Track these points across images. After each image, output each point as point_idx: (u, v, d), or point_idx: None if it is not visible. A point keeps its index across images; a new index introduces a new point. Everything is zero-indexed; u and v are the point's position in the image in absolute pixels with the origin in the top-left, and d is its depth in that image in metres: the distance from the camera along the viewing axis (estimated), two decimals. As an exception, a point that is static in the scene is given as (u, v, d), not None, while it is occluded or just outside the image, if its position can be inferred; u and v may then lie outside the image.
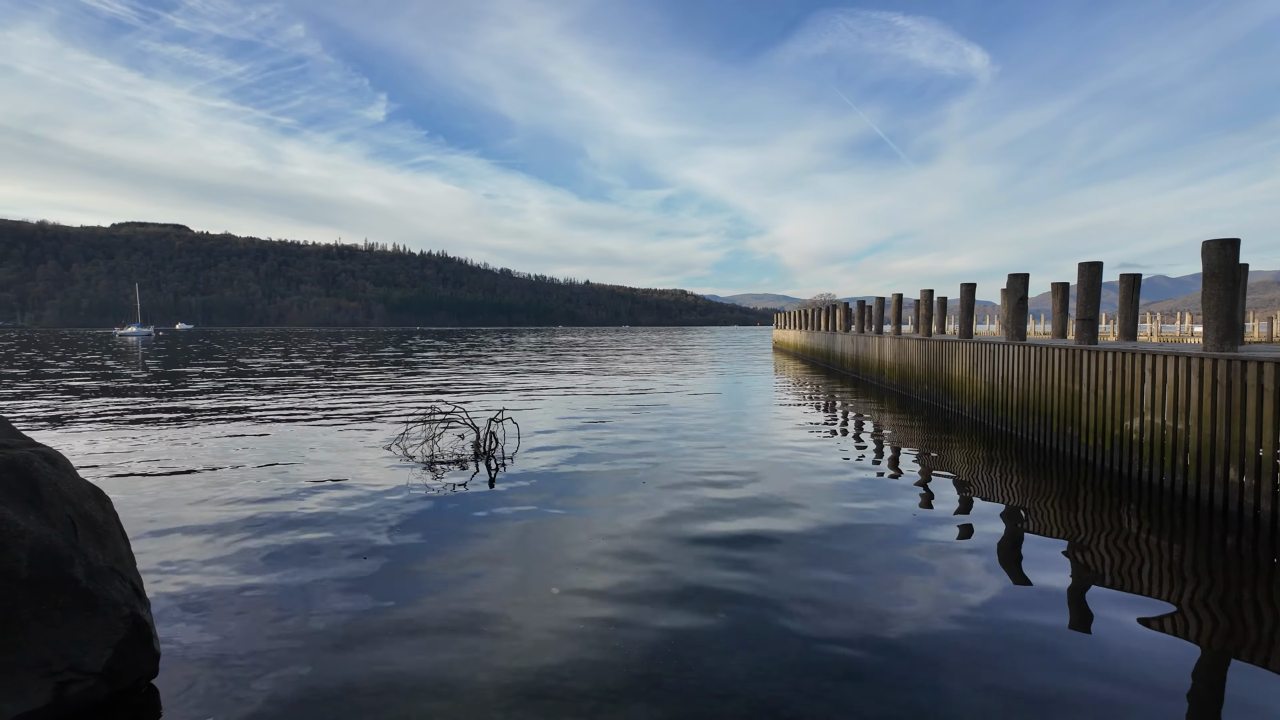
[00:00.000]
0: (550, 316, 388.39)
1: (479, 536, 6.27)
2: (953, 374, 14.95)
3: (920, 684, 3.73)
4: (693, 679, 3.77)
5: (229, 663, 3.93)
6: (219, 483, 8.35)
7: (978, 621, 4.51)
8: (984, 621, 4.51)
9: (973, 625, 4.46)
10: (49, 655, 3.28)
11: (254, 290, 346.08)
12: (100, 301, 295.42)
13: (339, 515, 6.91)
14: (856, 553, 5.83)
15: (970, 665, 3.94)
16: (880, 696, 3.60)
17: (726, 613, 4.62)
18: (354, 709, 3.46)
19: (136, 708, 3.48)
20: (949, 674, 3.84)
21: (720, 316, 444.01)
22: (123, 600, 3.58)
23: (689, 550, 5.87)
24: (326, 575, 5.28)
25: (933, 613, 4.64)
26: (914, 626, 4.43)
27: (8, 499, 3.41)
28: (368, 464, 9.45)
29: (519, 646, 4.14)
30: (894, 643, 4.20)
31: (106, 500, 4.02)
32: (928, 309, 18.18)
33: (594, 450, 10.43)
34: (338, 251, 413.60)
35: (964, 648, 4.15)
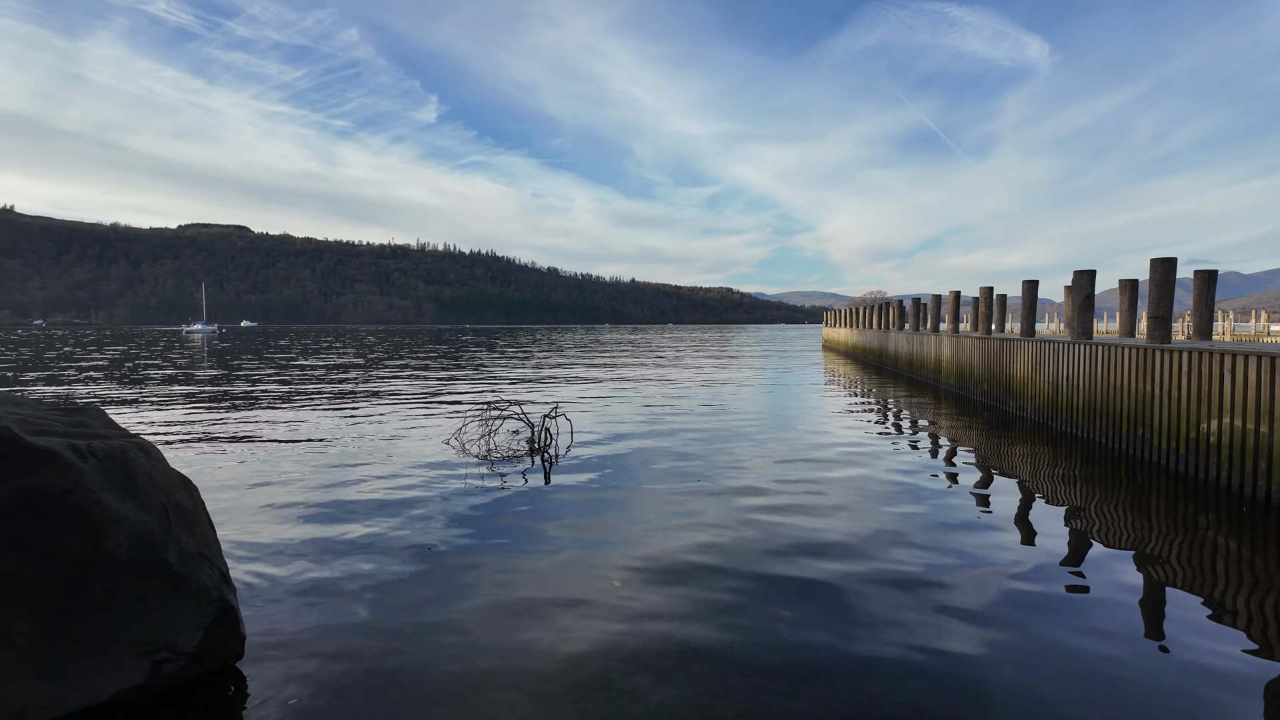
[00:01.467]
0: (596, 315, 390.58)
1: (539, 530, 6.36)
2: (1014, 374, 14.54)
3: (978, 692, 3.65)
4: (759, 675, 3.77)
5: (308, 647, 4.07)
6: (287, 474, 8.65)
7: (1042, 628, 4.39)
8: (1050, 629, 4.39)
9: (1036, 632, 4.34)
10: (146, 635, 3.46)
11: (310, 289, 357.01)
12: (168, 300, 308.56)
13: (403, 506, 7.09)
14: (918, 554, 5.73)
15: (1033, 673, 3.84)
16: (938, 703, 3.54)
17: (791, 609, 4.60)
18: (425, 695, 3.56)
19: (224, 688, 3.64)
20: (1007, 678, 3.75)
21: (767, 314, 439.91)
22: (211, 585, 3.75)
23: (750, 548, 5.85)
24: (394, 564, 5.43)
25: (993, 618, 4.54)
26: (972, 630, 4.34)
27: (108, 486, 3.60)
28: (428, 457, 9.67)
29: (586, 637, 4.19)
30: (948, 646, 4.12)
31: (194, 489, 4.22)
32: (987, 307, 17.71)
33: (647, 447, 10.47)
34: (390, 251, 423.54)
35: (1025, 651, 4.05)
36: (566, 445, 10.51)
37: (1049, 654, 4.05)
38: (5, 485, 3.30)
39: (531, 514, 6.88)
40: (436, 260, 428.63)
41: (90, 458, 3.64)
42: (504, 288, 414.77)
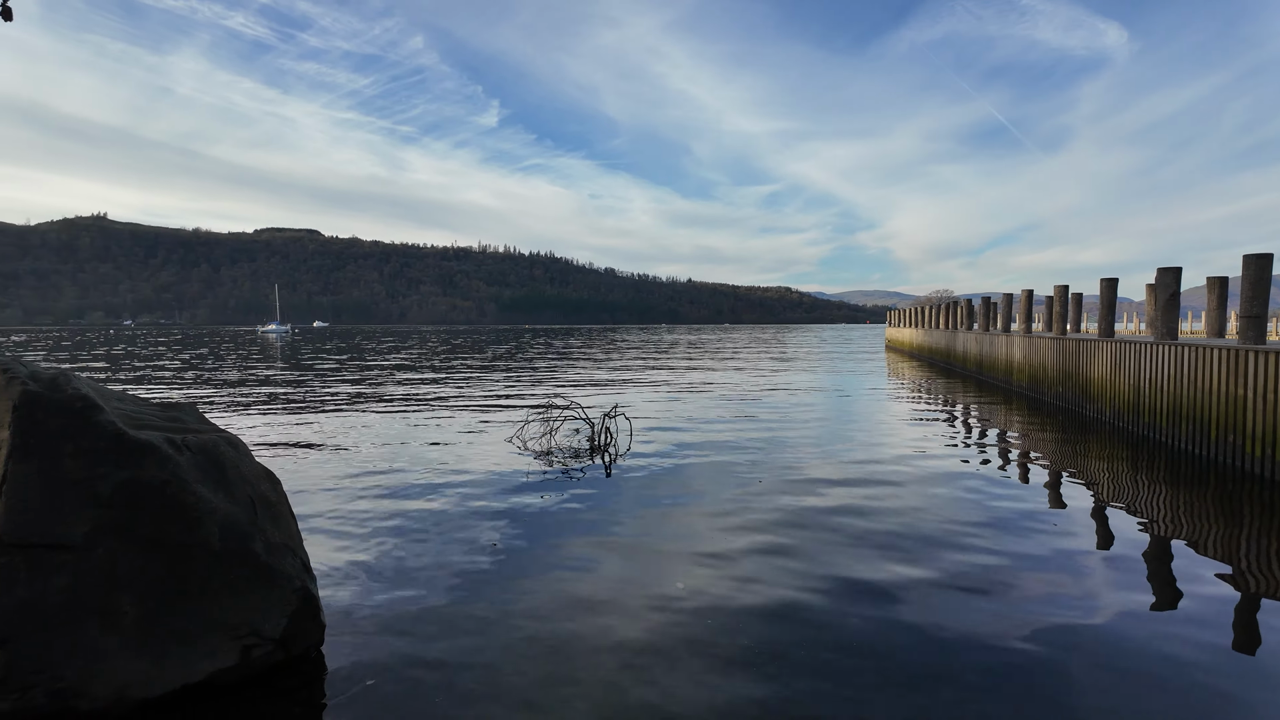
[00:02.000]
0: (653, 315, 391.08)
1: (601, 528, 6.42)
2: (1092, 375, 13.93)
3: (1061, 705, 3.52)
4: (827, 682, 3.72)
5: (383, 635, 4.22)
6: (358, 469, 8.96)
7: (1125, 643, 4.20)
8: (1135, 644, 4.20)
9: (1118, 647, 4.16)
10: (236, 621, 3.64)
11: (378, 290, 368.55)
12: (244, 301, 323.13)
13: (468, 503, 7.26)
14: (989, 560, 5.56)
15: (1112, 688, 3.68)
16: (1014, 713, 3.42)
17: (858, 615, 4.52)
18: (493, 683, 3.64)
19: (307, 674, 3.81)
20: (1086, 696, 3.60)
21: (827, 314, 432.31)
22: (294, 574, 3.92)
23: (812, 551, 5.77)
24: (461, 558, 5.57)
25: (1068, 629, 4.36)
26: (1046, 642, 4.18)
27: (202, 479, 3.81)
28: (491, 454, 9.87)
29: (647, 635, 4.22)
30: (1015, 658, 3.98)
31: (277, 482, 4.42)
32: (1062, 306, 17.02)
33: (706, 448, 10.44)
34: (453, 253, 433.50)
35: (1103, 667, 3.88)
36: (626, 445, 10.57)
37: (1133, 670, 3.87)
38: (111, 476, 3.53)
39: (593, 512, 6.95)
40: (497, 262, 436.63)
41: (185, 451, 3.86)
42: (562, 288, 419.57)
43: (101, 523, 3.44)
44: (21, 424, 3.46)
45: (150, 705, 3.35)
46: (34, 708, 3.20)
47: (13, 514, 3.30)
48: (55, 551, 3.34)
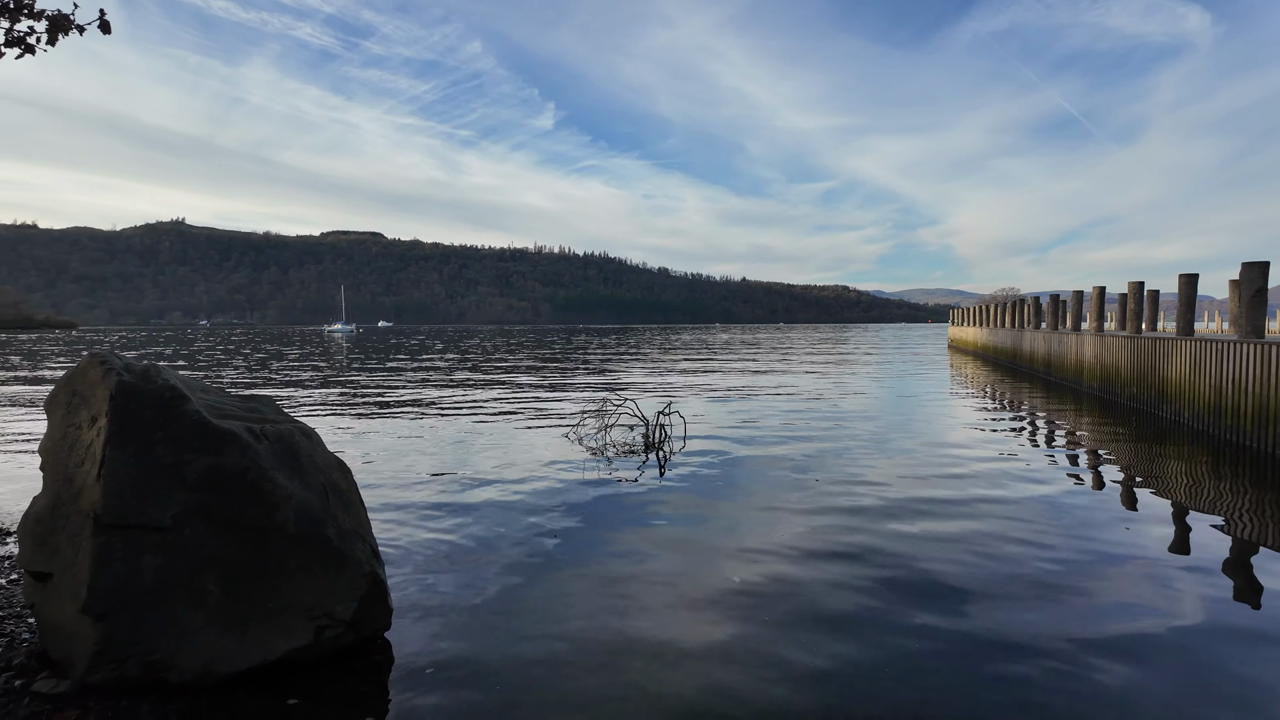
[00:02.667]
0: (706, 314, 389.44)
1: (656, 522, 6.47)
2: (1169, 376, 13.30)
3: (1122, 713, 3.39)
4: (886, 681, 3.68)
5: (447, 621, 4.36)
6: (421, 462, 9.23)
7: (1195, 650, 4.02)
8: (1217, 668, 4.01)
9: (1188, 653, 3.98)
10: (310, 602, 3.81)
11: (438, 291, 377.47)
12: (311, 301, 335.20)
13: (526, 496, 7.40)
14: (1060, 570, 5.38)
15: (1182, 697, 3.52)
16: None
17: (918, 616, 4.45)
18: (553, 672, 3.72)
19: (375, 656, 3.96)
20: (1155, 705, 3.46)
21: (886, 313, 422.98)
22: (364, 560, 4.08)
23: (870, 549, 5.69)
24: (520, 550, 5.69)
25: (1139, 637, 4.19)
26: (1115, 649, 4.03)
27: (278, 466, 4.00)
28: (548, 450, 10.03)
29: (707, 630, 4.24)
30: (1087, 666, 3.85)
31: (348, 471, 4.60)
32: (1136, 303, 16.30)
33: (761, 446, 10.38)
34: (510, 254, 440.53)
35: (1174, 675, 3.72)
36: (680, 442, 10.59)
37: (1205, 681, 3.70)
38: (197, 462, 3.74)
39: (648, 507, 7.00)
40: (552, 262, 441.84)
41: (264, 440, 4.05)
42: (616, 288, 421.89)
43: (188, 506, 3.65)
44: (117, 413, 3.70)
45: (233, 680, 3.54)
46: (129, 678, 3.42)
47: (110, 496, 3.54)
48: (148, 532, 3.57)
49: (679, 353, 40.83)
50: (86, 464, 3.68)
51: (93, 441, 3.70)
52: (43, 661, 3.61)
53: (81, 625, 3.44)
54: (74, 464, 3.75)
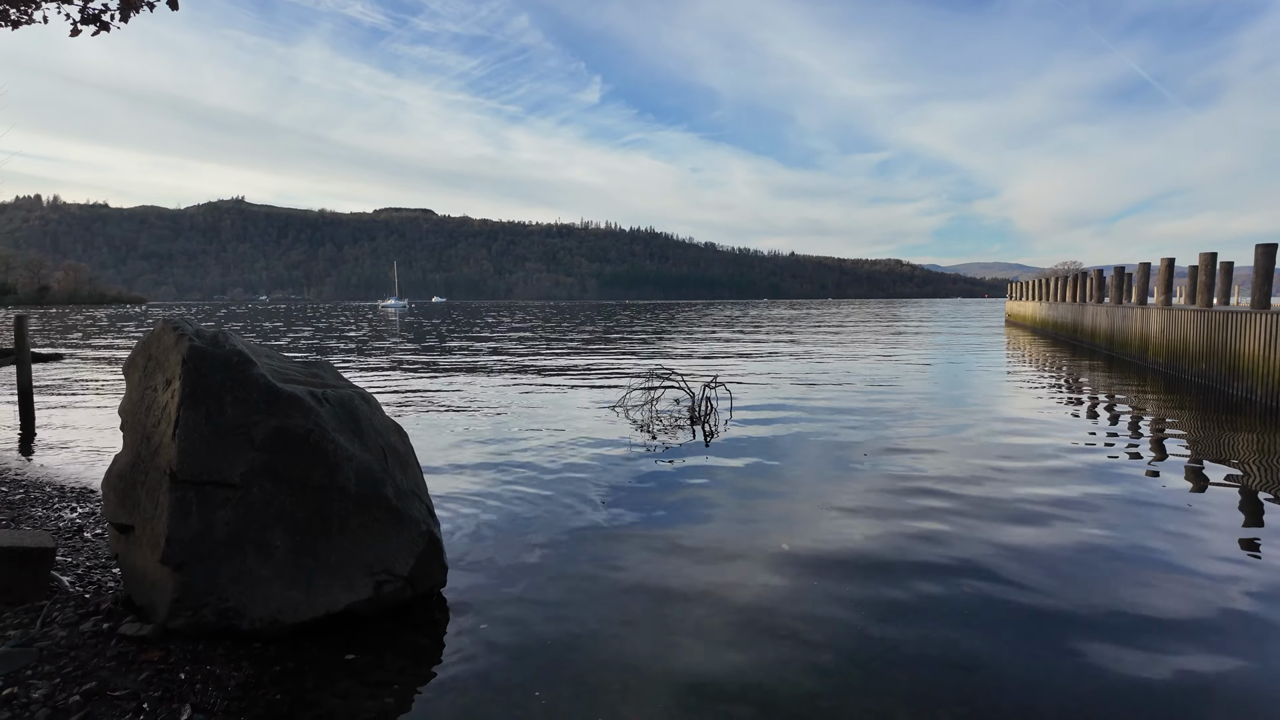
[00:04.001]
0: (753, 290, 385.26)
1: (702, 491, 6.52)
2: (1242, 351, 12.69)
3: (1181, 690, 3.32)
4: (932, 647, 3.67)
5: (499, 582, 4.50)
6: (475, 430, 9.45)
7: (1258, 633, 3.89)
8: (1268, 636, 3.88)
9: (1250, 636, 3.85)
10: (370, 558, 3.98)
11: (486, 267, 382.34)
12: (366, 278, 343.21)
13: (573, 467, 7.53)
14: (1115, 546, 5.25)
15: (1243, 680, 3.42)
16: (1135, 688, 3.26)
17: (969, 587, 4.41)
18: (599, 635, 3.82)
19: (432, 611, 4.12)
20: (1216, 685, 3.37)
21: (941, 288, 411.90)
22: (421, 519, 4.24)
23: (919, 521, 5.64)
24: (567, 517, 5.81)
25: (1209, 643, 4.08)
26: (1182, 641, 3.92)
27: (340, 429, 4.16)
28: (594, 422, 10.15)
29: (755, 592, 4.29)
30: (1158, 662, 3.76)
31: (405, 435, 4.76)
32: (1208, 275, 15.53)
33: (808, 421, 10.31)
34: (557, 230, 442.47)
35: (1234, 658, 3.61)
36: (726, 416, 10.59)
37: (1266, 667, 3.60)
38: (263, 423, 3.92)
39: (693, 477, 7.05)
40: (598, 238, 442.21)
41: (325, 404, 4.22)
42: (662, 264, 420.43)
43: (256, 465, 3.83)
44: (189, 376, 3.89)
45: (299, 630, 3.73)
46: (204, 624, 3.64)
47: (185, 454, 3.74)
48: (220, 489, 3.76)
49: (725, 328, 40.61)
50: (162, 424, 3.89)
51: (168, 403, 3.91)
52: (128, 607, 3.87)
53: (161, 574, 3.67)
54: (151, 424, 3.97)
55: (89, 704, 2.96)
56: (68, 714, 2.88)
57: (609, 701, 3.20)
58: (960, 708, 3.14)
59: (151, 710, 2.98)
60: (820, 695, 3.26)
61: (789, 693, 3.27)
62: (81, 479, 6.97)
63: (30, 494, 6.28)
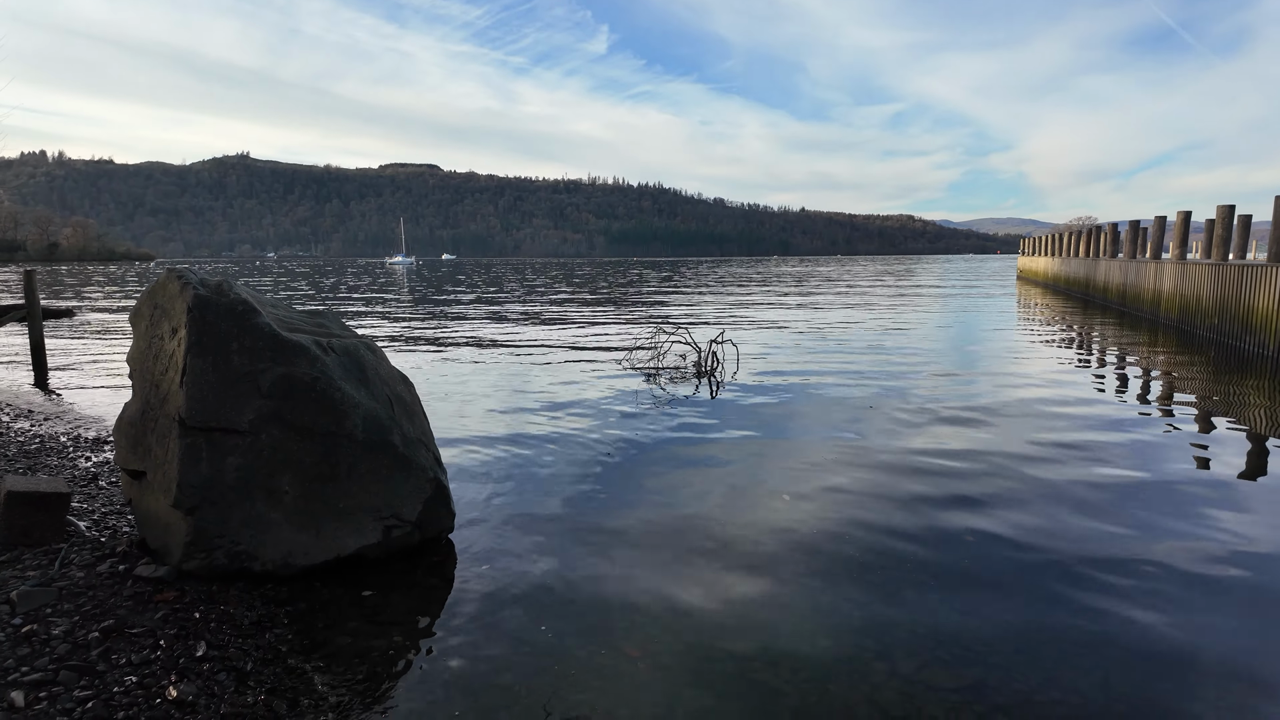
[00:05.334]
0: (763, 246, 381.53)
1: (707, 444, 6.56)
2: (1255, 306, 12.54)
3: (1170, 668, 3.36)
4: (931, 591, 3.73)
5: (506, 528, 4.58)
6: (483, 383, 9.51)
7: (1262, 577, 3.93)
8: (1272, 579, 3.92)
9: (1257, 581, 3.89)
10: (379, 503, 4.05)
11: (493, 224, 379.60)
12: (372, 234, 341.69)
13: (580, 417, 7.57)
14: (1116, 500, 5.27)
15: (1252, 622, 3.47)
16: (1125, 670, 3.31)
17: (970, 536, 4.46)
18: (605, 582, 3.89)
19: (439, 555, 4.21)
20: (1224, 628, 3.41)
21: (953, 244, 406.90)
22: (428, 466, 4.29)
23: (921, 476, 5.68)
24: (573, 466, 5.87)
25: (1210, 573, 4.11)
26: (1187, 587, 3.96)
27: (345, 377, 4.19)
28: (603, 375, 10.18)
29: (757, 539, 4.35)
30: (1163, 610, 3.80)
31: (411, 385, 4.79)
32: (1224, 229, 15.26)
33: (815, 376, 10.31)
34: (564, 186, 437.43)
35: (1243, 602, 3.65)
36: (732, 370, 10.60)
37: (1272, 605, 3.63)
38: (270, 371, 3.95)
39: (699, 430, 7.09)
40: (606, 194, 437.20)
41: (331, 353, 4.24)
42: (670, 220, 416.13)
43: (264, 412, 3.87)
44: (195, 324, 3.91)
45: (309, 571, 3.82)
46: (217, 566, 3.72)
47: (193, 401, 3.78)
48: (229, 435, 3.81)
49: (733, 285, 40.39)
50: (170, 371, 3.92)
51: (174, 351, 3.93)
52: (143, 550, 3.96)
53: (174, 518, 3.74)
54: (159, 372, 4.01)
55: (108, 640, 3.05)
56: (87, 649, 2.97)
57: (612, 639, 3.27)
58: (957, 650, 3.20)
59: (168, 646, 3.07)
60: (818, 633, 3.33)
61: (788, 631, 3.34)
62: (95, 429, 7.08)
63: (46, 444, 6.38)
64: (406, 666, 3.09)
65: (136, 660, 2.94)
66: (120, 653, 2.98)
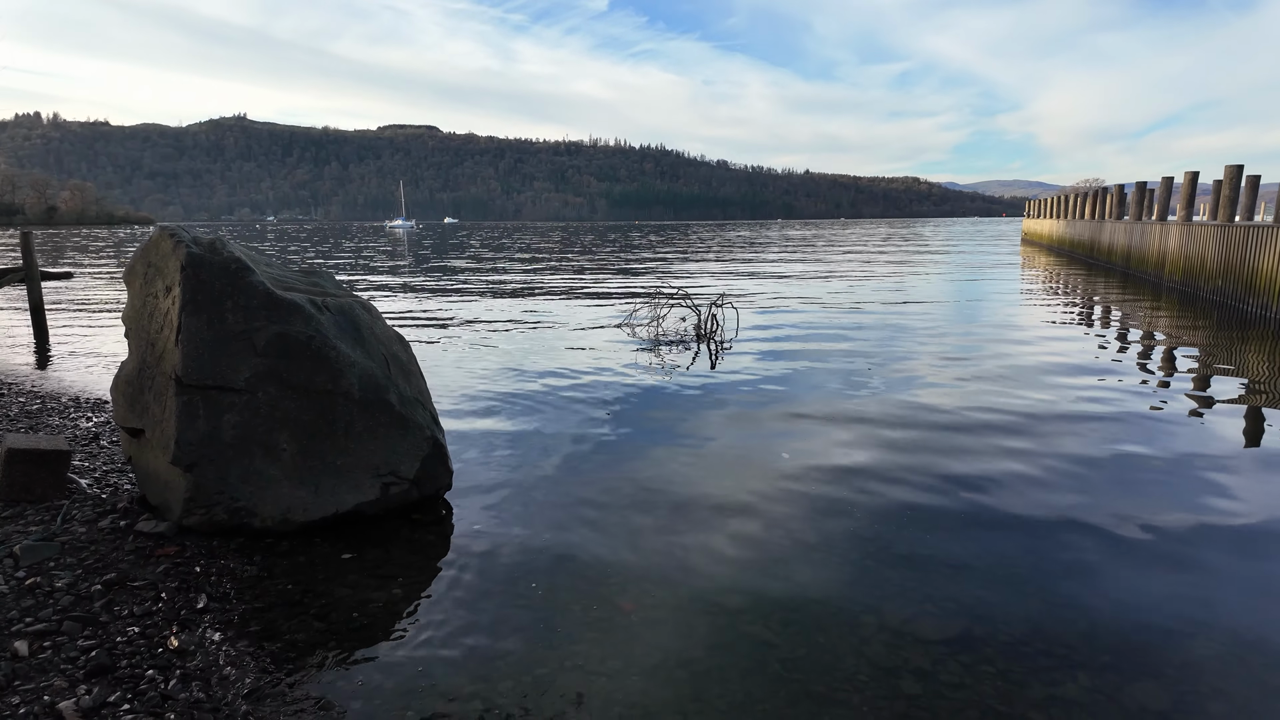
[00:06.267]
0: (766, 209, 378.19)
1: (706, 405, 6.58)
2: (1259, 268, 12.44)
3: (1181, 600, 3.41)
4: (923, 547, 3.77)
5: (504, 486, 4.62)
6: (482, 345, 9.51)
7: (1260, 542, 3.96)
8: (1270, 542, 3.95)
9: (1252, 546, 3.93)
10: (377, 461, 4.08)
11: (494, 187, 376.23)
12: (372, 197, 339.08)
13: (579, 380, 7.59)
14: (1109, 461, 5.30)
15: (1245, 587, 3.51)
16: (1110, 619, 3.36)
17: (964, 494, 4.49)
18: (601, 533, 3.94)
19: (438, 511, 4.25)
20: (1217, 590, 3.46)
21: (958, 207, 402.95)
22: (425, 424, 4.31)
23: (918, 436, 5.70)
24: (572, 428, 5.90)
25: (1201, 532, 4.15)
26: (1185, 549, 4.00)
27: (341, 336, 4.18)
28: (602, 337, 10.18)
29: (754, 498, 4.39)
30: (1158, 574, 3.84)
31: (407, 344, 4.79)
32: (1232, 190, 15.06)
33: (815, 339, 10.30)
34: (565, 148, 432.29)
35: (1234, 567, 3.69)
36: (733, 334, 10.58)
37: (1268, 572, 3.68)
38: (265, 330, 3.94)
39: (698, 392, 7.11)
40: (608, 156, 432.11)
41: (325, 311, 4.23)
42: (673, 182, 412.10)
43: (260, 370, 3.88)
44: (189, 282, 3.89)
45: (309, 527, 3.86)
46: (217, 522, 3.77)
47: (189, 359, 3.78)
48: (225, 393, 3.82)
49: (735, 249, 40.12)
50: (165, 330, 3.92)
51: (169, 309, 3.93)
52: (143, 506, 4.01)
53: (173, 475, 3.78)
54: (154, 330, 4.01)
55: (110, 592, 3.11)
56: (90, 601, 3.02)
57: (607, 593, 3.33)
58: (946, 604, 3.24)
59: (169, 599, 3.13)
60: (811, 586, 3.38)
61: (779, 586, 3.39)
62: (96, 390, 7.11)
63: (47, 404, 6.42)
64: (404, 617, 3.14)
65: (138, 612, 2.99)
66: (122, 604, 3.03)
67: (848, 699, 2.62)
